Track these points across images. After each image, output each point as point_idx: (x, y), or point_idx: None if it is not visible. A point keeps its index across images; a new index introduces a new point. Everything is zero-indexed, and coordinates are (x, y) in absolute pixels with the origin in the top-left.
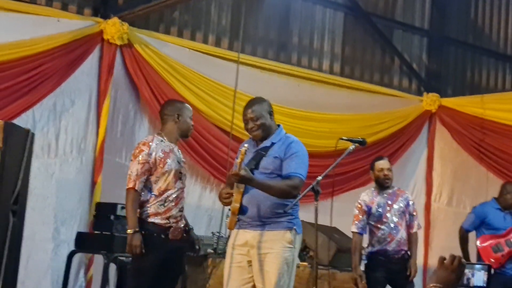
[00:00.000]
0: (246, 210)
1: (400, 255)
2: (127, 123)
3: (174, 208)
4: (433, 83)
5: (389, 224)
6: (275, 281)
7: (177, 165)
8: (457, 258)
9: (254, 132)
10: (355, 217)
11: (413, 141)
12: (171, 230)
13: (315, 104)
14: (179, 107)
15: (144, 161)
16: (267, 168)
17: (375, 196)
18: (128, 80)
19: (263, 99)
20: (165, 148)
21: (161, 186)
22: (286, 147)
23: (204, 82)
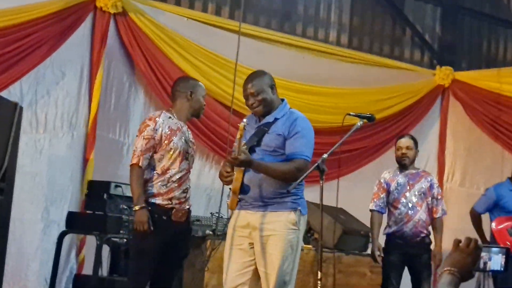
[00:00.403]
0: (248, 189)
1: (419, 238)
2: (121, 97)
3: (177, 189)
4: (447, 56)
5: (407, 204)
6: (278, 264)
7: (184, 144)
8: (473, 241)
9: (255, 108)
10: (374, 194)
11: (424, 117)
12: (174, 211)
13: (321, 78)
14: (192, 84)
15: (149, 137)
16: (270, 145)
17: (397, 174)
18: (122, 50)
19: (263, 72)
20: (173, 125)
21: (165, 165)
22: (291, 124)
23: (203, 54)
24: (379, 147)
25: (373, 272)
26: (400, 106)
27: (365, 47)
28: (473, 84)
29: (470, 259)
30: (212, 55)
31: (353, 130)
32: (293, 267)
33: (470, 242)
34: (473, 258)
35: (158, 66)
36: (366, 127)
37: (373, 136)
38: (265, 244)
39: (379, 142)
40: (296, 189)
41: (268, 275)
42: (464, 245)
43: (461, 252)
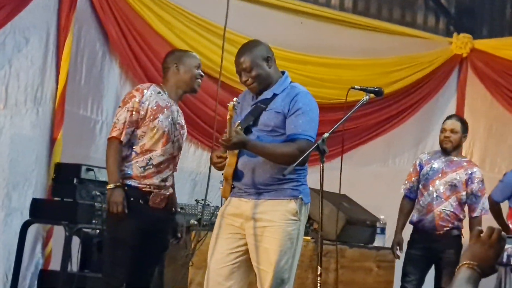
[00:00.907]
0: (242, 175)
1: (443, 231)
2: (93, 68)
3: (155, 175)
4: (465, 22)
5: (432, 193)
6: (275, 260)
7: (170, 125)
8: (496, 231)
9: (250, 86)
10: (408, 176)
11: (439, 91)
12: (152, 196)
13: (322, 47)
14: (178, 55)
15: (133, 109)
16: (268, 124)
17: (435, 158)
18: (94, 14)
19: (257, 42)
20: (161, 102)
21: (146, 144)
22: (291, 100)
23: (187, 18)
24: (386, 123)
25: (381, 268)
26: (412, 78)
27: (372, 12)
28: (494, 53)
29: (492, 252)
30: (197, 20)
31: (358, 106)
32: (293, 263)
33: (492, 232)
34: (495, 251)
35: (133, 33)
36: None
37: (379, 112)
38: (260, 236)
39: (387, 118)
40: (298, 174)
41: (263, 272)
42: (485, 236)
43: (483, 244)
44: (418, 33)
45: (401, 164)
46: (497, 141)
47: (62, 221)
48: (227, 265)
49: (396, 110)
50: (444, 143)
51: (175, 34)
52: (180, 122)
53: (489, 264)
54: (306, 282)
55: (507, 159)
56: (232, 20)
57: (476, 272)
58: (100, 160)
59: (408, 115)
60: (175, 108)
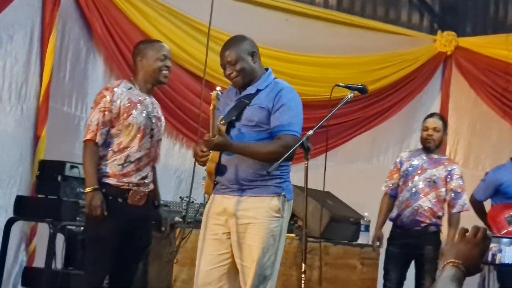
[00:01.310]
0: (225, 170)
1: (420, 227)
2: (78, 65)
3: (135, 174)
4: (449, 20)
5: (412, 189)
6: (258, 256)
7: (146, 120)
8: (482, 230)
9: (234, 79)
10: (389, 173)
11: (424, 89)
12: (131, 193)
13: (306, 44)
14: (141, 48)
15: (105, 109)
16: (251, 119)
17: (415, 155)
18: (79, 11)
19: (242, 37)
20: (133, 97)
21: (122, 141)
22: (275, 96)
23: (172, 16)
24: (371, 121)
25: (365, 265)
26: (396, 76)
27: (357, 10)
28: (478, 51)
29: (478, 251)
30: (182, 17)
31: (343, 103)
32: (275, 259)
33: (477, 231)
34: (481, 250)
35: (117, 30)
36: (357, 99)
37: (364, 109)
38: (243, 233)
39: (371, 115)
40: (281, 171)
41: (246, 268)
42: (471, 235)
43: (468, 243)
44: (402, 31)
45: (385, 162)
46: (481, 139)
47: (46, 218)
48: (217, 266)
49: (380, 107)
50: (427, 142)
51: (159, 32)
52: (156, 114)
53: (474, 263)
54: (290, 279)
55: (491, 157)
56: (216, 18)
57: (461, 271)
58: None
59: (393, 113)
60: (149, 101)
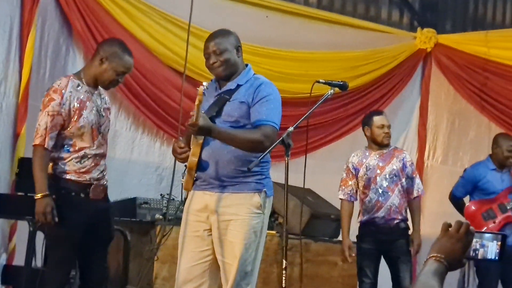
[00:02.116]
0: (207, 166)
1: (393, 224)
2: (57, 61)
3: (93, 169)
4: (429, 17)
5: (377, 190)
6: (240, 253)
7: (96, 117)
8: (465, 225)
9: (217, 69)
10: (342, 181)
11: (404, 86)
12: (92, 188)
13: (287, 41)
14: (113, 50)
15: (54, 113)
16: (232, 115)
17: (365, 157)
18: (58, 8)
19: (229, 31)
20: (82, 96)
21: (76, 141)
22: (255, 90)
23: (152, 12)
24: (352, 119)
25: (345, 261)
26: (377, 73)
27: (337, 7)
28: (458, 48)
29: (460, 246)
30: (162, 13)
31: (323, 100)
32: (256, 255)
33: (460, 226)
34: (463, 245)
35: (98, 26)
36: (338, 96)
37: (345, 107)
38: (225, 230)
39: (352, 113)
40: (261, 167)
41: (228, 265)
42: (454, 230)
43: (450, 238)
44: (382, 28)
45: None
46: (460, 135)
47: (26, 216)
48: (198, 263)
49: (361, 104)
50: (385, 139)
51: (140, 27)
52: (105, 105)
53: (457, 258)
54: (271, 276)
55: (469, 153)
56: (197, 14)
57: (443, 265)
58: None
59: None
60: (96, 94)
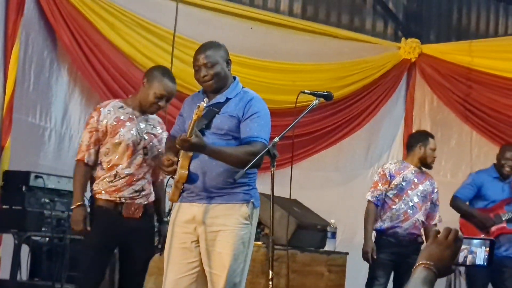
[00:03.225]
0: (195, 178)
1: (412, 238)
2: (42, 75)
3: (126, 188)
4: (413, 27)
5: (408, 202)
6: (229, 263)
7: (135, 136)
8: (453, 232)
9: (207, 82)
10: (374, 184)
11: (389, 96)
12: (124, 206)
13: (271, 52)
14: (154, 74)
15: (93, 130)
16: (221, 128)
17: (403, 168)
18: (42, 21)
19: (219, 44)
20: (122, 116)
21: (111, 159)
22: (245, 105)
23: (138, 23)
24: (338, 130)
25: (332, 272)
26: (362, 83)
27: (321, 17)
28: (442, 58)
29: (449, 252)
30: (148, 25)
31: (308, 110)
32: (244, 266)
33: (449, 233)
34: (452, 251)
35: (84, 39)
36: (323, 106)
37: (331, 117)
38: (213, 241)
39: (338, 124)
40: (249, 179)
41: (216, 276)
42: (442, 237)
43: (439, 245)
44: (367, 38)
45: (351, 169)
46: (442, 144)
47: (11, 229)
48: (185, 275)
49: (346, 115)
50: (432, 163)
51: (125, 40)
52: (150, 131)
53: (446, 264)
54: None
55: (451, 161)
56: (181, 26)
57: (432, 272)
58: (49, 167)
59: (359, 120)
60: (143, 119)
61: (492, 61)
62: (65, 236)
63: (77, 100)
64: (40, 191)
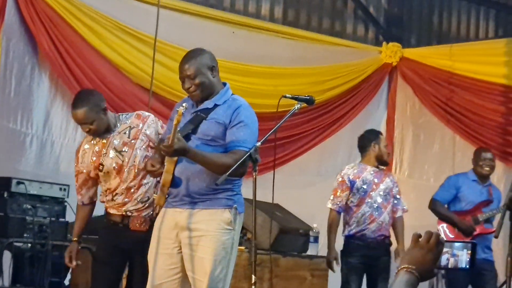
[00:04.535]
0: (180, 183)
1: (380, 239)
2: (23, 80)
3: (128, 202)
4: (394, 31)
5: (372, 204)
6: (210, 269)
7: (116, 158)
8: (435, 235)
9: (193, 93)
10: (334, 192)
11: (370, 100)
12: (131, 219)
13: (253, 56)
14: None
15: (77, 173)
16: (207, 134)
17: (361, 170)
18: (23, 27)
19: (202, 51)
20: (97, 147)
21: (104, 185)
22: (233, 112)
23: (119, 28)
24: (319, 133)
25: (314, 276)
26: (343, 87)
27: (302, 22)
28: (423, 62)
29: (431, 256)
30: (129, 30)
31: (290, 115)
32: (227, 272)
33: (430, 236)
34: (434, 255)
35: (64, 45)
36: (305, 111)
37: (312, 121)
38: (195, 246)
39: (319, 127)
40: (233, 184)
41: (198, 281)
42: (424, 241)
43: (421, 248)
44: (348, 43)
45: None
46: (425, 148)
47: None
48: (167, 281)
49: (328, 119)
50: (388, 159)
51: (106, 45)
52: (125, 140)
53: (428, 268)
54: None
55: (434, 165)
56: (163, 31)
57: (414, 276)
58: (30, 173)
59: (341, 124)
60: (115, 133)
61: (473, 65)
62: (47, 242)
63: (58, 105)
64: (22, 197)
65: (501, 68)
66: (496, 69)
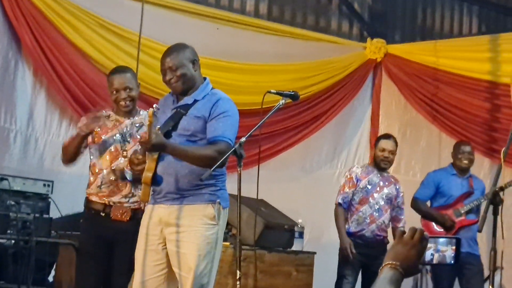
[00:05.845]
0: (161, 180)
1: (379, 239)
2: (6, 76)
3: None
4: (378, 27)
5: (374, 205)
6: (194, 265)
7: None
8: (419, 231)
9: (173, 85)
10: (342, 187)
11: (354, 95)
12: (112, 209)
13: (238, 53)
14: (107, 78)
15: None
16: (187, 129)
17: (368, 172)
18: (6, 23)
19: (185, 45)
20: (108, 123)
21: (95, 163)
22: (212, 105)
23: (102, 25)
24: (303, 128)
25: (299, 271)
26: (327, 83)
27: (287, 18)
28: (407, 58)
29: (415, 252)
30: (112, 26)
31: (275, 110)
32: (212, 267)
33: (414, 232)
34: (418, 251)
35: (46, 41)
36: (289, 106)
37: (296, 116)
38: (179, 242)
39: (303, 122)
40: (216, 179)
41: (183, 277)
42: (408, 237)
43: (405, 244)
44: (332, 39)
45: (318, 168)
46: (411, 144)
47: None
48: (152, 277)
49: (312, 114)
50: (383, 164)
51: (89, 43)
52: (133, 134)
53: (412, 264)
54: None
55: (420, 162)
56: (147, 27)
57: (398, 272)
58: (14, 169)
59: (325, 119)
60: (128, 123)
61: (458, 61)
62: (30, 239)
63: (42, 101)
64: (5, 193)
65: (486, 64)
66: (480, 66)
